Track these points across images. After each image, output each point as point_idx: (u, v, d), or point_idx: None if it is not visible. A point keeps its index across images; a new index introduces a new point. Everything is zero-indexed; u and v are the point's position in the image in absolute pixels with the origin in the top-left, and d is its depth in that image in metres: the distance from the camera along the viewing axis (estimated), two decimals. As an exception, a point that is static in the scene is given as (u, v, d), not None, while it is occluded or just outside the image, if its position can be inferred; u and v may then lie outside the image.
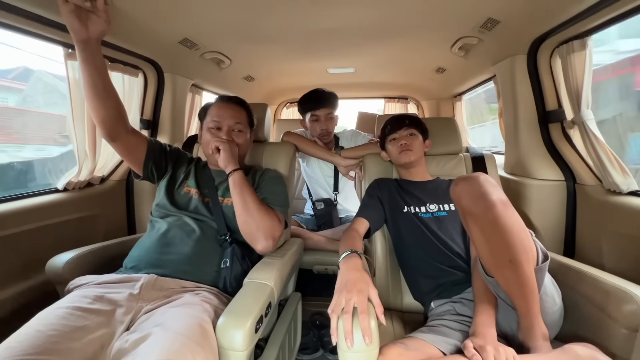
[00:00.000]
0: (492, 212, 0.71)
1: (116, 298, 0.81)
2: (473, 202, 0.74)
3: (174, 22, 1.21)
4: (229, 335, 0.70)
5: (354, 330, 0.69)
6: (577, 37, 1.10)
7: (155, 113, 1.64)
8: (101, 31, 0.91)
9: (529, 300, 0.73)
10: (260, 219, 0.97)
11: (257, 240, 0.97)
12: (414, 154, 1.17)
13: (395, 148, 1.20)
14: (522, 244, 0.72)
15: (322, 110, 1.60)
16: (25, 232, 1.11)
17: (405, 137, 1.19)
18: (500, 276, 0.75)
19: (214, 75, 1.88)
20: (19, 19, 0.96)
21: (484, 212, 0.72)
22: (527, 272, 0.71)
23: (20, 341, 0.64)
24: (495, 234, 0.72)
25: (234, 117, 1.13)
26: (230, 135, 1.10)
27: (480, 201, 0.72)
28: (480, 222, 0.74)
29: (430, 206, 1.10)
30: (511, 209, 0.73)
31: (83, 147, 1.28)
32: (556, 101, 1.30)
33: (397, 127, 1.21)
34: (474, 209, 0.74)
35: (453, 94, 2.41)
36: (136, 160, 1.08)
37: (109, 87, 0.96)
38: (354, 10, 1.17)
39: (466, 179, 0.78)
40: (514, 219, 0.72)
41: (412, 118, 1.23)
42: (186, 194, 1.09)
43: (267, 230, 0.97)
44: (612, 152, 1.08)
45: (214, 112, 1.13)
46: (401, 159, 1.18)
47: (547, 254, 0.76)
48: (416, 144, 1.18)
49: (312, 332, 1.51)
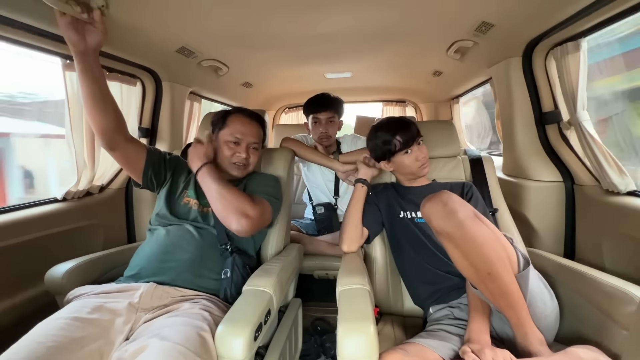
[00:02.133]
0: (462, 229, 0.73)
1: (115, 307, 0.81)
2: (443, 221, 0.76)
3: (171, 31, 1.22)
4: (228, 343, 0.70)
5: (355, 337, 0.69)
6: (570, 39, 1.11)
7: (154, 121, 1.65)
8: (98, 42, 0.92)
9: (516, 309, 0.74)
10: (231, 198, 0.96)
11: (230, 219, 0.94)
12: (428, 165, 1.16)
13: (412, 161, 1.13)
14: (498, 255, 0.73)
15: (323, 113, 1.62)
16: (25, 243, 1.11)
17: (422, 148, 1.14)
18: (484, 289, 0.76)
19: (212, 83, 1.89)
20: (17, 31, 0.96)
21: (454, 230, 0.74)
22: (508, 281, 0.73)
23: (19, 353, 0.64)
24: (469, 249, 0.74)
25: (255, 135, 1.15)
26: (248, 152, 1.13)
27: (449, 220, 0.74)
28: (453, 240, 0.76)
29: None
30: (480, 222, 0.75)
31: (82, 157, 1.28)
32: (552, 102, 1.30)
33: (410, 140, 1.12)
34: (444, 228, 0.76)
35: (450, 96, 2.42)
36: (135, 169, 1.08)
37: (108, 96, 0.97)
38: (350, 15, 1.18)
39: (431, 199, 0.80)
40: (485, 232, 0.74)
41: (414, 125, 1.15)
42: (186, 204, 1.09)
43: (238, 208, 0.95)
44: (609, 153, 1.08)
45: (237, 127, 1.13)
46: (422, 172, 1.15)
47: (528, 259, 0.76)
48: (427, 152, 1.16)
49: (314, 337, 1.50)
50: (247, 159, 1.12)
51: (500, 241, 0.76)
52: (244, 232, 0.95)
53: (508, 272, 0.73)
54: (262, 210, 1.01)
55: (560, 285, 0.97)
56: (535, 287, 0.78)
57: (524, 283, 0.75)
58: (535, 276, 0.80)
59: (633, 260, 0.99)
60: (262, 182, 1.15)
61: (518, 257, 0.76)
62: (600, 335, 0.81)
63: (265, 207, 1.04)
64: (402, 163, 1.15)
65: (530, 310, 0.76)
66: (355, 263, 1.04)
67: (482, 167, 1.28)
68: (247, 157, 1.12)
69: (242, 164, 1.12)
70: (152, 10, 1.05)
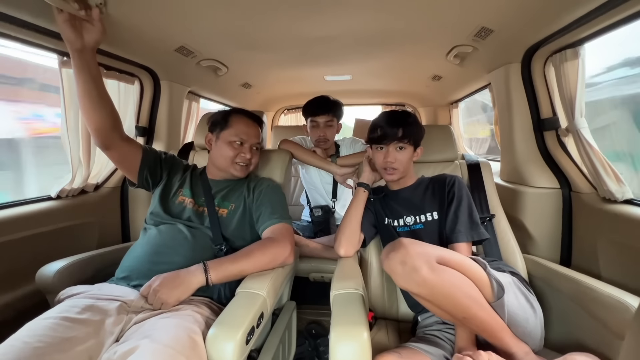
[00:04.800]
0: (427, 286, 0.72)
1: (106, 308, 0.80)
2: (405, 282, 0.74)
3: (170, 30, 1.22)
4: (219, 347, 0.69)
5: (348, 342, 0.68)
6: (570, 45, 1.11)
7: (151, 120, 1.64)
8: (96, 40, 0.92)
9: (498, 336, 0.75)
10: (262, 261, 0.95)
11: (280, 264, 0.99)
12: (398, 173, 1.06)
13: (380, 160, 1.07)
14: (469, 297, 0.74)
15: (321, 116, 1.62)
16: (17, 240, 1.10)
17: (392, 153, 1.04)
18: (463, 328, 0.79)
19: (210, 83, 1.89)
20: (14, 27, 0.96)
21: (420, 289, 0.73)
22: (484, 317, 0.74)
23: (6, 353, 0.63)
24: (439, 301, 0.74)
25: (257, 136, 1.18)
26: (251, 152, 1.14)
27: (411, 279, 0.72)
28: (421, 296, 0.75)
29: (407, 219, 1.06)
30: (442, 270, 0.73)
31: (77, 154, 1.27)
32: (550, 109, 1.30)
33: (387, 137, 1.04)
34: (409, 288, 0.75)
35: (449, 101, 2.42)
36: (131, 169, 1.07)
37: (104, 95, 0.96)
38: (351, 18, 1.18)
39: (389, 256, 0.75)
40: (451, 278, 0.73)
41: (406, 126, 1.04)
42: (180, 203, 1.08)
43: (273, 259, 0.97)
44: (607, 161, 1.08)
45: (242, 128, 1.14)
46: (384, 176, 1.10)
47: (502, 284, 0.76)
48: (404, 159, 1.05)
49: (308, 341, 1.48)
50: (250, 159, 1.14)
51: (469, 278, 0.75)
52: (293, 260, 1.02)
53: (483, 309, 0.74)
54: (286, 238, 1.02)
55: (555, 292, 0.97)
56: (515, 309, 0.78)
57: (500, 310, 0.76)
58: (513, 297, 0.79)
59: (629, 268, 0.99)
60: (275, 200, 1.12)
61: (492, 284, 0.76)
62: (596, 343, 0.80)
63: (285, 230, 1.05)
64: (374, 156, 1.10)
65: (512, 329, 0.77)
66: (350, 267, 1.03)
67: (479, 172, 1.27)
68: (250, 157, 1.14)
69: (245, 164, 1.14)
70: (151, 8, 1.04)
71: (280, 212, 1.08)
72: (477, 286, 0.76)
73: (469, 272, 0.76)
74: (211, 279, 0.87)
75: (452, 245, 0.95)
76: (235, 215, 1.09)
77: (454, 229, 0.96)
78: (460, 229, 0.96)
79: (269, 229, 1.04)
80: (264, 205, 1.09)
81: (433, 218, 1.03)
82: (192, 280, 0.86)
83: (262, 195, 1.12)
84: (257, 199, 1.11)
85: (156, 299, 0.81)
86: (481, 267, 0.78)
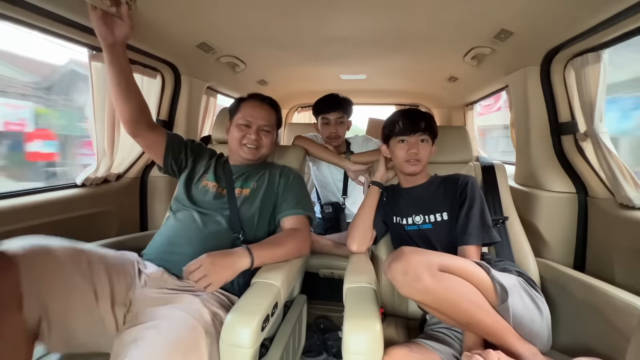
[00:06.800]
0: (429, 294, 0.72)
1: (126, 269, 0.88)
2: (408, 291, 0.74)
3: (193, 26, 1.26)
4: (236, 332, 0.71)
5: (361, 333, 0.70)
6: (591, 49, 1.10)
7: (171, 114, 1.69)
8: (126, 35, 0.96)
9: (504, 339, 0.75)
10: (287, 251, 0.99)
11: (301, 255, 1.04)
12: (422, 165, 1.08)
13: (402, 153, 1.08)
14: (472, 303, 0.74)
15: (332, 114, 1.64)
16: (43, 225, 1.15)
17: (416, 145, 1.06)
18: (470, 332, 0.80)
19: (228, 79, 1.93)
20: (48, 21, 1.01)
21: (423, 297, 0.74)
22: (488, 321, 0.74)
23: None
24: (443, 308, 0.75)
25: (265, 118, 1.16)
26: (258, 134, 1.14)
27: (414, 289, 0.73)
28: (425, 304, 0.76)
29: (415, 218, 1.06)
30: (444, 277, 0.73)
31: (102, 145, 1.33)
32: (569, 113, 1.29)
33: (409, 129, 1.06)
34: (413, 297, 0.76)
35: (465, 102, 2.41)
36: (157, 154, 1.14)
37: (134, 87, 1.02)
38: (367, 18, 1.19)
39: (391, 266, 0.76)
40: (453, 285, 0.74)
41: (427, 120, 1.08)
42: (204, 187, 1.11)
43: (300, 253, 1.03)
44: (626, 166, 1.06)
45: (247, 110, 1.15)
46: (407, 169, 1.08)
47: (505, 288, 0.76)
48: (426, 152, 1.08)
49: (316, 335, 1.51)
50: (257, 141, 1.13)
51: (473, 283, 0.76)
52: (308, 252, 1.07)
53: (487, 313, 0.75)
54: (308, 231, 1.08)
55: (568, 295, 0.96)
56: (520, 311, 0.78)
57: (505, 314, 0.76)
58: (518, 298, 0.79)
59: None
60: (301, 192, 1.15)
61: (495, 288, 0.76)
62: (607, 348, 0.80)
63: (307, 223, 1.09)
64: (394, 151, 1.11)
65: (518, 330, 0.77)
66: (363, 262, 1.05)
67: (494, 174, 1.27)
68: (257, 138, 1.13)
69: (254, 145, 1.13)
70: (176, 5, 1.08)
71: (303, 205, 1.10)
72: (481, 291, 0.76)
73: (473, 277, 0.76)
74: (255, 262, 0.89)
75: (462, 247, 0.95)
76: (258, 194, 1.10)
77: (465, 231, 0.96)
78: (471, 231, 0.95)
79: (290, 218, 1.07)
80: (290, 193, 1.11)
81: (443, 219, 1.03)
82: (239, 263, 0.87)
83: (290, 182, 1.14)
84: (284, 184, 1.13)
85: (205, 279, 0.80)
86: (485, 270, 0.77)
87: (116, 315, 0.80)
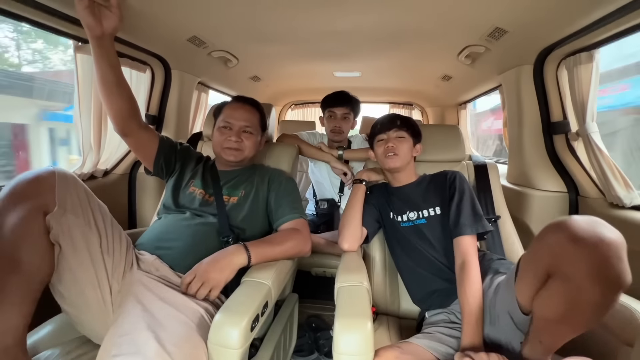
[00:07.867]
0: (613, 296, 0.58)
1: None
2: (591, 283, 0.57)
3: (183, 19, 1.22)
4: (225, 332, 0.69)
5: (352, 333, 0.69)
6: (584, 49, 1.10)
7: (161, 109, 1.66)
8: (114, 27, 0.92)
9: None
10: (285, 249, 0.98)
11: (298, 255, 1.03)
12: (400, 160, 1.09)
13: (381, 150, 1.11)
14: None
15: (339, 108, 1.66)
16: None
17: (392, 140, 1.10)
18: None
19: (220, 74, 1.90)
20: (32, 10, 0.97)
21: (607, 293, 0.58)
22: None
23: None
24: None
25: (246, 119, 1.13)
26: (240, 136, 1.11)
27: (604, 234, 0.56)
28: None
29: (410, 214, 1.07)
30: None
31: (88, 140, 1.29)
32: (561, 112, 1.30)
33: (386, 127, 1.12)
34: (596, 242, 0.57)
35: (458, 102, 2.42)
36: (147, 156, 1.09)
37: (122, 82, 0.97)
38: (362, 15, 1.18)
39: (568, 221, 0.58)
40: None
41: (404, 119, 1.14)
42: (191, 193, 1.09)
43: (294, 251, 1.00)
44: (616, 166, 1.07)
45: (227, 112, 1.13)
46: (385, 164, 1.11)
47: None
48: (404, 148, 1.09)
49: (308, 334, 1.50)
50: (238, 143, 1.11)
51: None
52: (309, 253, 1.05)
53: None
54: (307, 232, 1.06)
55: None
56: None
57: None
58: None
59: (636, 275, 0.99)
60: (295, 196, 1.14)
61: None
62: (600, 348, 0.80)
63: (305, 225, 1.07)
64: (376, 151, 1.15)
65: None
66: (355, 261, 1.04)
67: (486, 173, 1.27)
68: (237, 140, 1.10)
69: (234, 147, 1.11)
70: None
71: (299, 209, 1.09)
72: None
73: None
74: (252, 259, 0.88)
75: (458, 239, 0.95)
76: (247, 201, 1.09)
77: (457, 222, 0.96)
78: (464, 222, 0.95)
79: (290, 223, 1.05)
80: (284, 198, 1.09)
81: (436, 213, 1.04)
82: (235, 261, 0.86)
83: (282, 188, 1.12)
84: (276, 190, 1.11)
85: (203, 287, 0.80)
86: None
87: (111, 287, 0.80)
